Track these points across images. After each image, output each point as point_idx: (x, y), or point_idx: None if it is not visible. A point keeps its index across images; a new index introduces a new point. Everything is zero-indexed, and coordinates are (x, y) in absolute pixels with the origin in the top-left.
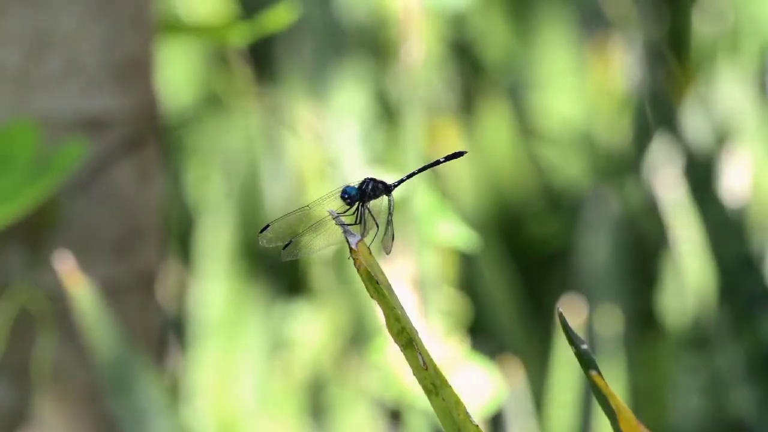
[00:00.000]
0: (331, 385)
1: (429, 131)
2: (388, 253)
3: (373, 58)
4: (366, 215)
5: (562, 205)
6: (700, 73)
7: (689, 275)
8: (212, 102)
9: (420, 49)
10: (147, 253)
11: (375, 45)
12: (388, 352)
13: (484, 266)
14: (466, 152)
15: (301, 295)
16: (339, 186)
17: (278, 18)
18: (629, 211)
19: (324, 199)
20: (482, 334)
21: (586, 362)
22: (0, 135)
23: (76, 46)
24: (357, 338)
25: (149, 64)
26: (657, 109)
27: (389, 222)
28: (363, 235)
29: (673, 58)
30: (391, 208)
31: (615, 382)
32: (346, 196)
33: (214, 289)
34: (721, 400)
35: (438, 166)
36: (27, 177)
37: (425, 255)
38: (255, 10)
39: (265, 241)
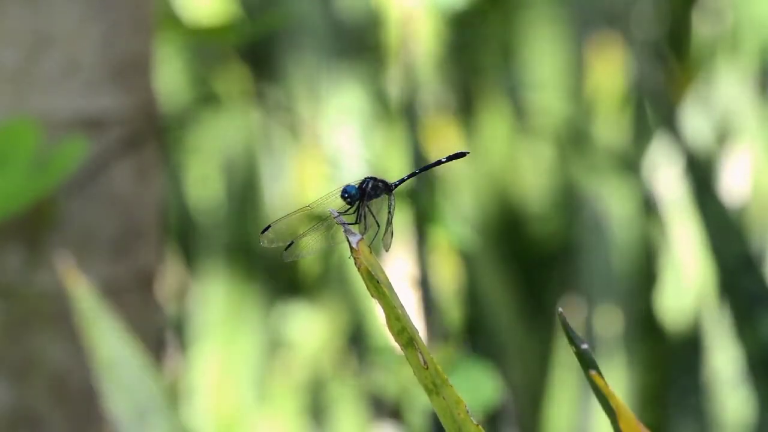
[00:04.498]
0: (331, 385)
1: (429, 131)
2: (387, 250)
3: (373, 58)
4: (366, 214)
5: (562, 204)
6: (699, 73)
7: (689, 275)
8: (212, 102)
9: (420, 49)
10: (146, 253)
11: (375, 45)
12: (388, 352)
13: (484, 266)
14: (467, 153)
15: (300, 295)
16: (339, 186)
17: (278, 18)
18: (629, 211)
19: (324, 198)
20: (482, 334)
21: (586, 362)
22: None
23: (75, 46)
24: (357, 338)
25: (148, 63)
26: (657, 109)
27: (389, 221)
28: (363, 234)
29: (673, 58)
30: (392, 207)
31: (615, 382)
32: (347, 195)
33: (214, 289)
34: (721, 401)
35: (438, 167)
36: (26, 176)
37: (425, 255)
38: (255, 10)
39: (266, 241)
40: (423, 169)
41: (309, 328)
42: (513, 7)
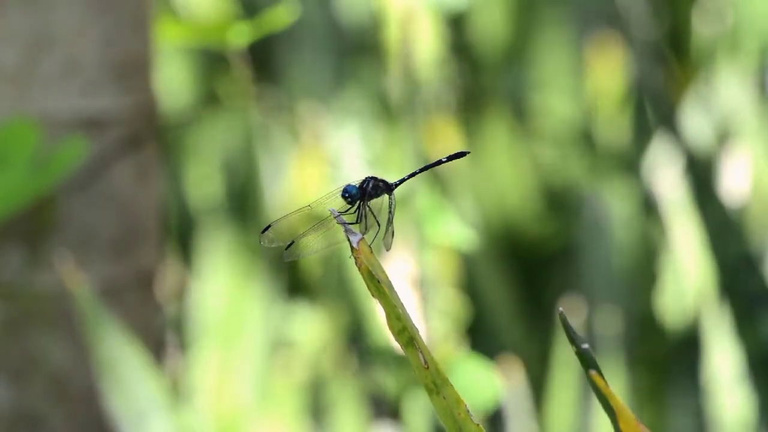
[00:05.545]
0: (331, 385)
1: (429, 131)
2: (388, 249)
3: (373, 58)
4: (367, 214)
5: (562, 205)
6: (699, 73)
7: (689, 275)
8: (212, 102)
9: (420, 49)
10: (146, 253)
11: (375, 45)
12: (388, 352)
13: (484, 266)
14: (468, 152)
15: (301, 295)
16: (339, 186)
17: (278, 18)
18: (629, 211)
19: (324, 198)
20: (482, 334)
21: (587, 362)
22: None
23: (76, 46)
24: (357, 338)
25: (148, 63)
26: (657, 109)
27: (390, 221)
28: (363, 234)
29: (673, 58)
30: (392, 207)
31: (615, 382)
32: (347, 195)
33: (214, 289)
34: (721, 401)
35: (438, 166)
36: (26, 176)
37: (425, 255)
38: (255, 10)
39: (266, 241)
40: (423, 169)
41: (309, 328)
42: (514, 7)
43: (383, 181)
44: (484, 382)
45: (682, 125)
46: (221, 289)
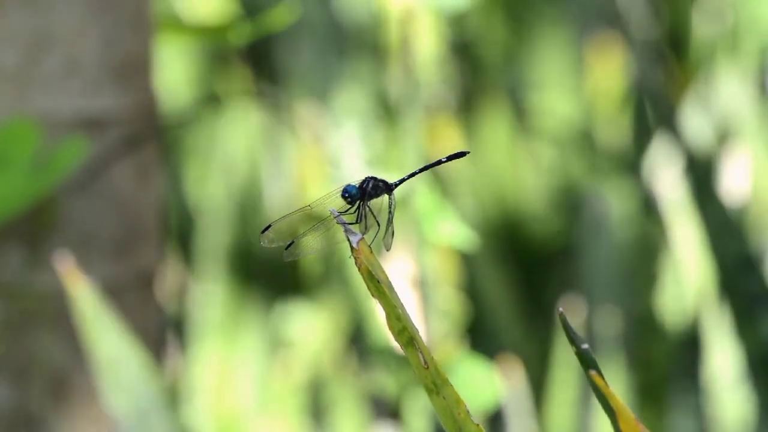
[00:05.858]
0: (331, 385)
1: (429, 131)
2: (388, 249)
3: (373, 58)
4: (367, 214)
5: (562, 204)
6: (699, 73)
7: (689, 275)
8: (212, 102)
9: (420, 49)
10: (147, 253)
11: (375, 45)
12: (388, 352)
13: (484, 266)
14: (468, 152)
15: (301, 295)
16: (339, 186)
17: (278, 18)
18: (629, 211)
19: (324, 198)
20: (482, 334)
21: (587, 362)
22: None
23: (76, 46)
24: (357, 338)
25: (149, 63)
26: (657, 109)
27: (390, 221)
28: (363, 234)
29: (673, 58)
30: (392, 206)
31: (615, 382)
32: (347, 195)
33: (213, 289)
34: (721, 401)
35: (438, 166)
36: (26, 176)
37: (425, 255)
38: (255, 10)
39: (266, 241)
40: (423, 169)
41: (309, 328)
42: (513, 7)
43: (383, 181)
44: (484, 382)
45: (682, 125)
46: (221, 289)
